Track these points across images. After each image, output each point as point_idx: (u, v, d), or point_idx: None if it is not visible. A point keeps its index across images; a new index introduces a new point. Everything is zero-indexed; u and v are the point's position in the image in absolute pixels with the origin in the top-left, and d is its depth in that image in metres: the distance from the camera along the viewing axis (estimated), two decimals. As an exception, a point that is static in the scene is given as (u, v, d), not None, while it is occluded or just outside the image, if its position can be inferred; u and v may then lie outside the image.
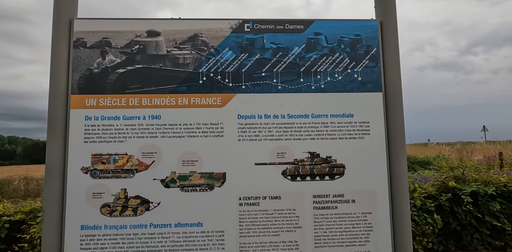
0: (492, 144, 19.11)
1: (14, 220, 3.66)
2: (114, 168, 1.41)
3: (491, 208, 3.86)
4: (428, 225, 3.92)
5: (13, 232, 3.60)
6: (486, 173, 4.50)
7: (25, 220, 3.62)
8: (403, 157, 1.47)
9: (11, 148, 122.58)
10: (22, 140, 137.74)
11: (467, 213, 3.94)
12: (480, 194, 3.98)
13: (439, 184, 4.39)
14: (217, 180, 1.43)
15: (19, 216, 3.77)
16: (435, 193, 4.15)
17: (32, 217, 3.70)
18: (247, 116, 1.47)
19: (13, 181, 11.84)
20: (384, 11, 1.56)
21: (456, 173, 4.59)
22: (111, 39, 1.47)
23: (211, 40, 1.50)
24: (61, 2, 1.47)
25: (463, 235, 3.96)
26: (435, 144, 22.41)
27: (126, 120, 1.44)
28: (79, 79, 1.45)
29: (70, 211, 1.38)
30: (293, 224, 1.43)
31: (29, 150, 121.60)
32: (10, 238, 3.56)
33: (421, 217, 3.91)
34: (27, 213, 3.81)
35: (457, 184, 4.20)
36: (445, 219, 4.03)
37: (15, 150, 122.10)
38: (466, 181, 4.38)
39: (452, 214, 4.04)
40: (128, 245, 1.38)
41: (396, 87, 1.51)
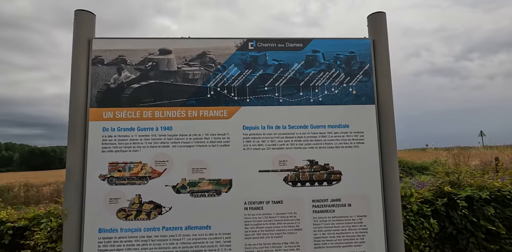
0: (490, 149, 19.21)
1: (18, 227, 3.68)
2: (129, 175, 1.53)
3: (486, 213, 3.95)
4: (425, 230, 4.00)
5: (16, 239, 3.61)
6: (480, 178, 4.60)
7: (28, 227, 3.64)
8: (394, 164, 1.59)
9: (8, 155, 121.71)
10: (19, 147, 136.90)
11: (462, 218, 4.02)
12: (474, 198, 4.08)
13: (435, 189, 4.49)
14: (224, 186, 1.55)
15: (22, 222, 3.77)
16: (431, 198, 4.25)
17: (36, 223, 3.72)
18: (251, 127, 1.60)
19: (13, 187, 11.84)
20: (376, 30, 1.70)
21: (452, 178, 4.70)
22: (126, 56, 1.61)
23: (218, 57, 1.63)
24: (81, 23, 1.60)
25: (459, 239, 4.04)
26: (433, 149, 22.50)
27: (140, 131, 1.56)
28: (97, 93, 1.58)
29: (89, 215, 1.50)
30: (294, 226, 1.55)
31: (26, 156, 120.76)
32: (13, 244, 3.57)
33: (418, 222, 3.99)
34: (31, 219, 3.84)
35: (453, 189, 4.30)
36: (441, 224, 4.11)
37: (12, 157, 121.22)
38: (462, 186, 4.49)
39: (448, 219, 4.13)
40: (142, 247, 1.49)
41: (388, 99, 1.64)
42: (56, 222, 3.42)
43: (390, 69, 1.68)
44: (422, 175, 9.07)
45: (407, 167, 11.22)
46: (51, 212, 3.70)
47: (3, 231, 3.33)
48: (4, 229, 3.36)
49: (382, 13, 1.71)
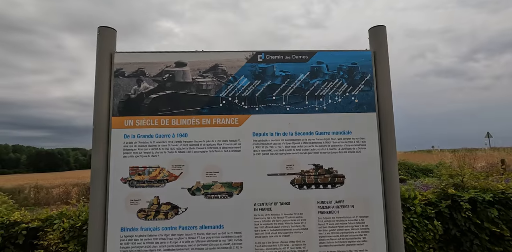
0: (497, 151, 19.06)
1: (31, 227, 3.80)
2: (149, 178, 1.66)
3: (490, 215, 4.00)
4: (429, 231, 4.06)
5: (30, 239, 3.73)
6: (484, 181, 4.64)
7: (41, 227, 3.75)
8: (394, 168, 1.70)
9: (15, 157, 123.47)
10: (26, 149, 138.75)
11: (466, 220, 4.08)
12: (478, 201, 4.13)
13: (439, 192, 4.55)
14: (235, 188, 1.68)
15: (36, 223, 3.87)
16: (435, 200, 4.31)
17: (49, 224, 3.84)
18: (260, 134, 1.72)
19: (24, 189, 12.14)
20: (377, 43, 1.82)
21: (456, 180, 4.75)
22: (145, 69, 1.75)
23: (230, 69, 1.76)
24: (103, 39, 1.75)
25: (463, 241, 4.10)
26: (439, 151, 22.35)
27: (158, 137, 1.69)
28: (118, 103, 1.71)
29: (112, 215, 1.63)
30: (301, 226, 1.66)
31: (33, 158, 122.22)
32: (27, 244, 3.69)
33: (422, 224, 4.06)
34: (44, 220, 3.96)
35: (456, 191, 4.35)
36: (445, 226, 4.17)
37: (19, 159, 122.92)
38: (465, 188, 4.54)
39: (452, 221, 4.18)
40: (160, 245, 1.62)
41: (388, 107, 1.76)
42: (68, 223, 3.57)
43: (390, 79, 1.79)
44: (426, 177, 9.10)
45: (411, 169, 11.24)
46: (63, 213, 3.85)
47: (17, 231, 3.47)
48: (18, 230, 3.50)
49: (383, 26, 1.83)
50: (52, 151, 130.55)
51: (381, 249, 1.65)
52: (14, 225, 3.63)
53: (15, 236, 3.52)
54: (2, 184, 14.99)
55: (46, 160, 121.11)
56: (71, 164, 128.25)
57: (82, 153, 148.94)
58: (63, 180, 19.92)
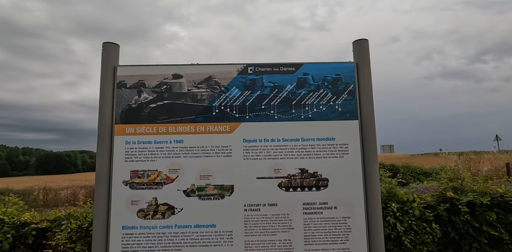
0: (505, 154, 18.77)
1: (41, 228, 3.92)
2: (147, 181, 1.82)
3: (488, 218, 4.03)
4: (428, 234, 4.11)
5: (39, 239, 3.86)
6: (483, 184, 4.67)
7: (49, 228, 3.86)
8: (375, 172, 1.82)
9: (25, 159, 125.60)
10: (35, 151, 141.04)
11: (465, 223, 4.11)
12: (476, 204, 4.16)
13: (438, 195, 4.59)
14: (227, 190, 1.82)
15: (45, 224, 4.00)
16: (433, 203, 4.35)
17: (57, 225, 3.97)
18: (250, 140, 1.86)
19: (33, 191, 12.46)
20: (360, 55, 1.95)
21: (455, 184, 4.78)
22: (145, 81, 1.91)
23: (222, 81, 1.91)
24: (107, 54, 1.92)
25: (462, 244, 4.13)
26: (446, 154, 22.11)
27: (156, 143, 1.85)
28: (121, 112, 1.88)
29: (114, 215, 1.78)
30: (287, 226, 1.79)
31: (42, 161, 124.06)
32: (36, 244, 3.81)
33: (421, 227, 4.11)
34: (52, 221, 4.10)
35: (455, 195, 4.39)
36: (444, 229, 4.20)
37: (28, 161, 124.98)
38: (464, 192, 4.56)
39: (451, 224, 4.21)
40: (158, 242, 1.76)
41: (370, 115, 1.88)
42: (76, 224, 3.72)
43: (372, 89, 1.92)
44: (429, 180, 9.07)
45: (415, 172, 11.19)
46: (71, 214, 4.00)
47: (27, 232, 3.62)
48: (28, 230, 3.64)
49: (365, 40, 1.96)
50: (60, 154, 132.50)
51: (362, 248, 1.77)
52: (24, 226, 3.75)
53: (25, 236, 3.64)
54: (13, 186, 15.38)
55: (54, 162, 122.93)
56: (78, 166, 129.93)
57: (90, 155, 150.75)
58: (71, 182, 20.27)
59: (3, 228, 3.53)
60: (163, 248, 1.75)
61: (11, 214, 3.90)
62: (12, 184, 18.40)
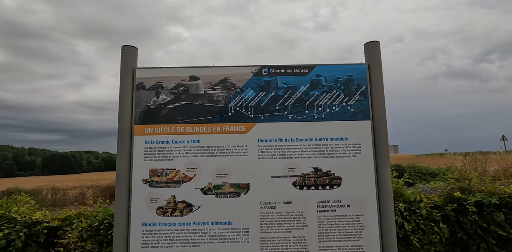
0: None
1: (52, 227, 3.97)
2: (166, 180, 1.88)
3: (496, 218, 4.03)
4: (435, 234, 4.12)
5: (50, 238, 3.91)
6: (491, 184, 4.67)
7: (60, 227, 3.91)
8: (387, 171, 1.87)
9: (31, 159, 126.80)
10: (41, 152, 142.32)
11: (472, 223, 4.12)
12: (484, 204, 4.17)
13: (445, 195, 4.60)
14: (243, 189, 1.87)
15: (56, 222, 4.06)
16: (441, 203, 4.36)
17: (68, 223, 4.02)
18: (265, 140, 1.92)
19: (42, 191, 12.61)
20: (371, 57, 2.00)
21: (462, 184, 4.78)
22: (163, 82, 1.97)
23: (237, 82, 1.97)
24: (127, 56, 1.99)
25: (470, 244, 4.13)
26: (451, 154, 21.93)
27: (174, 143, 1.91)
28: (140, 113, 1.94)
29: (134, 212, 1.85)
30: (302, 223, 1.84)
31: (47, 161, 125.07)
32: (47, 242, 3.86)
33: (428, 226, 4.12)
34: (63, 220, 4.16)
35: (463, 195, 4.40)
36: (452, 229, 4.21)
37: (34, 161, 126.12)
38: (472, 192, 4.57)
39: (458, 224, 4.22)
40: (176, 238, 1.82)
41: (381, 116, 1.93)
42: (86, 223, 3.78)
43: (383, 89, 1.96)
44: (436, 181, 9.01)
45: (421, 173, 11.13)
46: (82, 213, 4.07)
47: (39, 230, 3.69)
48: (40, 229, 3.70)
49: (377, 42, 2.01)
50: (65, 154, 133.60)
51: (375, 244, 1.81)
52: (36, 224, 3.79)
53: (37, 235, 3.68)
54: (21, 186, 15.59)
55: (60, 162, 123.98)
56: (83, 167, 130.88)
57: (95, 156, 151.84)
58: (78, 182, 20.46)
59: (16, 226, 3.58)
60: (182, 244, 1.81)
61: (23, 213, 3.95)
62: (19, 184, 18.62)
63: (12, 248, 3.23)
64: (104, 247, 3.42)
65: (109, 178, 20.32)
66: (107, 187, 12.63)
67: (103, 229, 3.48)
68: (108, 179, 19.98)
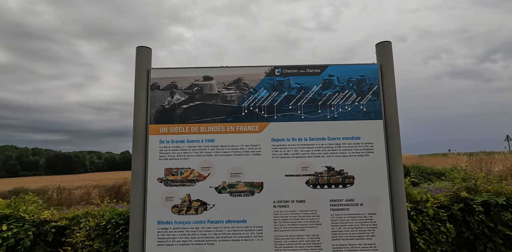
0: (516, 154, 18.47)
1: (60, 226, 4.00)
2: (181, 178, 1.90)
3: (503, 218, 4.03)
4: (442, 234, 4.12)
5: (58, 237, 3.94)
6: (498, 184, 4.66)
7: (68, 226, 3.94)
8: (400, 170, 1.88)
9: (34, 159, 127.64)
10: (45, 152, 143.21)
11: (479, 223, 4.12)
12: (491, 204, 4.17)
13: (451, 195, 4.60)
14: (256, 187, 1.90)
15: (63, 222, 4.10)
16: (447, 203, 4.36)
17: (75, 223, 4.06)
18: (278, 139, 1.94)
19: (47, 190, 12.72)
20: (383, 57, 2.01)
21: (468, 184, 4.78)
22: (177, 83, 2.00)
23: (251, 82, 2.00)
24: (141, 57, 2.01)
25: (477, 244, 4.13)
26: (455, 154, 21.85)
27: (189, 143, 1.94)
28: (155, 113, 1.97)
29: (150, 210, 1.88)
30: (315, 221, 1.86)
31: (51, 161, 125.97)
32: (55, 242, 3.89)
33: (435, 226, 4.12)
34: (71, 219, 4.20)
35: (469, 195, 4.39)
36: (458, 228, 4.21)
37: (38, 161, 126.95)
38: (478, 192, 4.57)
39: (465, 224, 4.22)
40: (191, 236, 1.85)
41: (394, 115, 1.94)
42: (94, 222, 3.82)
43: (395, 89, 1.98)
44: (441, 181, 9.00)
45: (425, 173, 11.13)
46: (89, 213, 4.10)
47: (47, 229, 3.72)
48: (48, 228, 3.73)
49: (388, 42, 2.02)
50: (69, 154, 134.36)
51: (388, 243, 1.83)
52: (44, 224, 3.82)
53: (45, 234, 3.71)
54: (26, 185, 15.72)
55: (63, 162, 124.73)
56: (86, 167, 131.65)
57: (98, 156, 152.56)
58: (82, 182, 20.60)
59: (24, 225, 3.62)
60: (197, 242, 1.84)
61: (31, 212, 3.98)
62: (24, 184, 18.76)
63: (21, 247, 3.27)
64: (112, 246, 3.46)
65: (113, 178, 20.46)
66: (112, 187, 12.75)
67: (110, 229, 3.51)
68: (112, 179, 20.13)
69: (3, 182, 27.30)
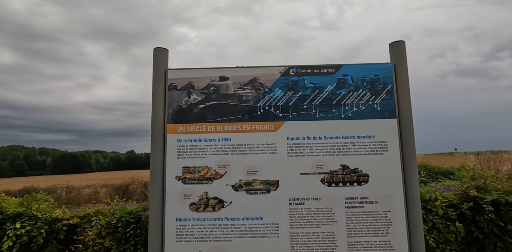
0: (525, 153, 18.22)
1: (71, 224, 4.06)
2: (198, 176, 1.95)
3: (513, 217, 4.01)
4: (451, 233, 4.12)
5: (70, 234, 4.01)
6: (507, 183, 4.64)
7: (79, 224, 3.99)
8: (414, 168, 1.90)
9: (41, 159, 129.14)
10: (51, 152, 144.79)
11: (489, 222, 4.10)
12: (501, 203, 4.15)
13: (460, 194, 4.58)
14: (272, 185, 1.93)
15: (75, 220, 4.16)
16: (456, 202, 4.35)
17: (87, 221, 4.12)
18: (293, 138, 1.97)
19: (56, 190, 12.90)
20: (397, 56, 2.03)
21: (478, 183, 4.76)
22: (194, 83, 2.04)
23: (266, 82, 2.03)
24: (158, 58, 2.06)
25: (486, 243, 4.12)
26: (462, 153, 21.63)
27: (206, 141, 1.98)
28: (172, 112, 2.02)
29: (168, 208, 1.92)
30: (330, 219, 1.89)
31: (58, 161, 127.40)
32: (67, 239, 3.95)
33: (444, 225, 4.12)
34: (82, 217, 4.26)
35: (478, 193, 4.38)
36: (468, 228, 4.20)
37: (45, 161, 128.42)
38: (488, 191, 4.54)
39: (474, 223, 4.21)
40: (209, 233, 1.89)
41: (408, 114, 1.96)
42: (105, 220, 3.87)
43: (409, 88, 2.00)
44: (448, 180, 8.94)
45: (432, 172, 11.06)
46: (100, 211, 4.16)
47: (59, 227, 3.78)
48: (59, 226, 3.80)
49: (402, 41, 2.04)
50: (75, 154, 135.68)
51: (403, 240, 1.85)
52: (55, 222, 3.89)
53: (57, 232, 3.77)
54: (35, 185, 15.94)
55: (70, 162, 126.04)
56: (92, 166, 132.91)
57: (103, 155, 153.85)
58: (89, 182, 20.82)
59: (37, 223, 3.68)
60: (214, 239, 1.88)
61: (44, 211, 4.04)
62: (32, 183, 19.02)
63: (34, 244, 3.34)
64: (122, 244, 3.51)
65: (119, 178, 20.66)
66: (120, 186, 12.90)
67: (121, 227, 3.56)
68: (118, 178, 20.32)
69: (12, 182, 27.69)
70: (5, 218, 3.45)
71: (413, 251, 1.85)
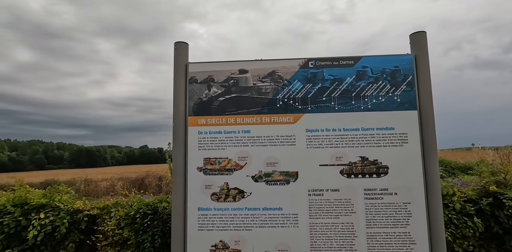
0: (547, 149, 17.56)
1: (92, 215, 4.21)
2: (219, 168, 2.00)
3: (535, 213, 3.91)
4: (469, 229, 4.05)
5: (90, 225, 4.15)
6: (529, 178, 4.50)
7: (98, 215, 4.14)
8: (435, 160, 1.89)
9: (59, 154, 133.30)
10: (68, 146, 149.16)
11: (509, 218, 4.02)
12: (522, 198, 4.04)
13: (479, 189, 4.49)
14: (292, 176, 1.96)
15: (95, 211, 4.31)
16: (475, 197, 4.27)
17: (106, 212, 4.26)
18: (312, 130, 1.99)
19: (75, 182, 13.35)
20: (418, 47, 2.00)
21: (498, 178, 4.65)
22: (214, 76, 2.08)
23: (285, 75, 2.04)
24: (179, 52, 2.10)
25: (506, 239, 4.04)
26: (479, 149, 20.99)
27: (226, 133, 2.02)
28: (193, 105, 2.06)
29: (190, 198, 1.98)
30: (349, 210, 1.91)
31: (75, 155, 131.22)
32: (88, 229, 4.10)
33: (461, 221, 4.05)
34: (101, 208, 4.40)
35: (498, 189, 4.28)
36: (486, 223, 4.12)
37: (62, 155, 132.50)
38: (508, 186, 4.44)
39: (494, 218, 4.13)
40: (230, 222, 1.95)
41: (428, 106, 1.94)
42: (123, 212, 4.00)
43: (430, 80, 1.97)
44: (465, 175, 8.75)
45: (449, 167, 10.83)
46: (118, 203, 4.29)
47: (80, 218, 3.94)
48: (81, 217, 3.95)
49: (423, 32, 2.01)
50: (91, 148, 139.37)
51: (423, 232, 1.85)
52: (77, 213, 4.04)
53: (78, 222, 3.92)
54: (55, 178, 16.54)
55: (86, 157, 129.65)
56: (107, 161, 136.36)
57: (118, 150, 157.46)
58: (105, 175, 21.40)
59: (60, 214, 3.82)
60: (235, 228, 1.94)
61: (66, 202, 4.20)
62: (52, 176, 19.71)
63: (57, 234, 3.49)
64: (140, 234, 3.63)
65: (134, 171, 21.15)
66: (136, 180, 13.24)
67: (139, 218, 3.68)
68: (133, 172, 20.81)
69: (33, 175, 28.78)
70: (30, 209, 3.61)
71: (433, 243, 1.85)
